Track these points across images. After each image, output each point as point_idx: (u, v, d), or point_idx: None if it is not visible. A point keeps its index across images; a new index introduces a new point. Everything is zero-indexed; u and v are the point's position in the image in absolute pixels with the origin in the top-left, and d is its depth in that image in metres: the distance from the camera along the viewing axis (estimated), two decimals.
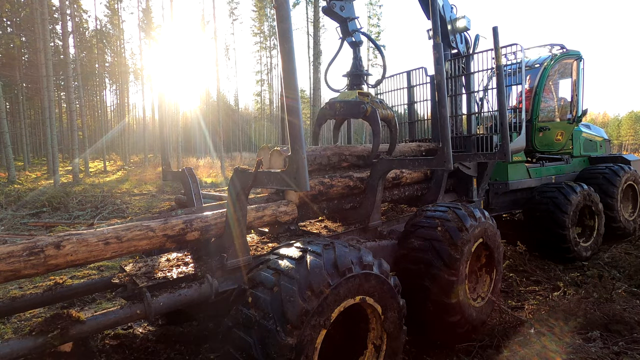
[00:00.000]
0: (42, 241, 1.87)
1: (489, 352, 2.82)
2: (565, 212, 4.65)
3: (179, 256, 2.59)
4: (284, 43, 1.87)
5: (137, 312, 1.96)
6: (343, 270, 1.99)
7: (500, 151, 3.33)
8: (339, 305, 2.03)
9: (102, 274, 4.39)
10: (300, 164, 1.90)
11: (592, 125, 7.25)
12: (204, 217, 2.46)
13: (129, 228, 2.16)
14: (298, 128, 1.90)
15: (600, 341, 2.80)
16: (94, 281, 2.46)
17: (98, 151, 29.48)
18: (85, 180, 17.38)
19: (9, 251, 1.77)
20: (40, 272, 1.85)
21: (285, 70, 1.88)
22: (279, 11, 1.88)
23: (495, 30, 3.32)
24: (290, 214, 2.85)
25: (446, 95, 2.76)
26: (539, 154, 5.89)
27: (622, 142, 75.38)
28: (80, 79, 24.50)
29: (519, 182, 5.06)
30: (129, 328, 3.00)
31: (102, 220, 8.54)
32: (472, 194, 4.34)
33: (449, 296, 2.72)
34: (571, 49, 6.08)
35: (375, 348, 2.37)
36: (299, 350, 1.82)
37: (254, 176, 2.15)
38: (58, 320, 1.72)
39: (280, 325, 1.78)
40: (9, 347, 1.62)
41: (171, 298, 2.08)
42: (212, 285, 2.21)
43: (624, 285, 3.95)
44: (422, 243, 2.85)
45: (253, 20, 40.19)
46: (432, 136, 4.74)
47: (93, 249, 1.99)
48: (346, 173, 3.25)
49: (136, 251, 2.18)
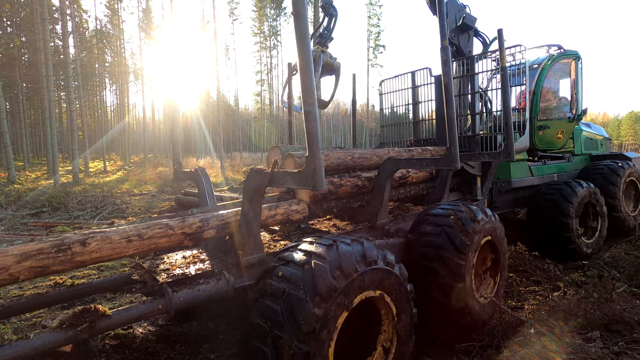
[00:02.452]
0: (68, 239, 1.94)
1: (489, 352, 2.83)
2: (571, 202, 4.74)
3: (194, 254, 2.66)
4: (302, 51, 1.95)
5: (159, 307, 2.04)
6: (369, 261, 2.15)
7: (505, 151, 3.41)
8: (362, 292, 2.14)
9: (102, 274, 4.36)
10: (317, 165, 1.97)
11: (592, 124, 7.35)
12: (219, 215, 2.53)
13: (149, 226, 2.23)
14: (315, 131, 1.98)
15: (600, 341, 2.80)
16: (114, 278, 2.53)
17: (98, 151, 29.49)
18: (85, 180, 17.38)
19: (38, 248, 1.84)
20: (67, 269, 1.93)
21: (303, 78, 1.95)
22: (297, 19, 1.96)
23: (500, 32, 3.40)
24: (301, 212, 2.93)
25: (453, 97, 2.84)
26: (540, 152, 5.98)
27: (622, 142, 75.67)
28: (80, 79, 24.52)
29: (521, 180, 5.14)
30: (129, 328, 2.99)
31: (102, 220, 8.53)
32: (477, 193, 4.42)
33: (456, 280, 2.79)
34: (569, 49, 6.15)
35: (384, 350, 2.40)
36: (324, 322, 1.93)
37: (270, 176, 2.23)
38: (86, 314, 1.79)
39: (309, 295, 1.90)
40: (41, 340, 1.69)
41: (190, 294, 2.15)
42: (229, 282, 2.28)
43: (624, 285, 3.97)
44: (435, 228, 2.96)
45: (253, 20, 40.24)
46: (437, 136, 4.81)
47: (116, 246, 2.06)
48: (355, 173, 3.33)
49: (156, 248, 2.25)
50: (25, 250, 1.80)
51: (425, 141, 5.12)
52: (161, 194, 13.09)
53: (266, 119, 43.36)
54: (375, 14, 37.30)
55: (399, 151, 3.82)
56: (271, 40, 39.60)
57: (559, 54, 6.08)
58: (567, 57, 6.09)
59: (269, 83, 41.10)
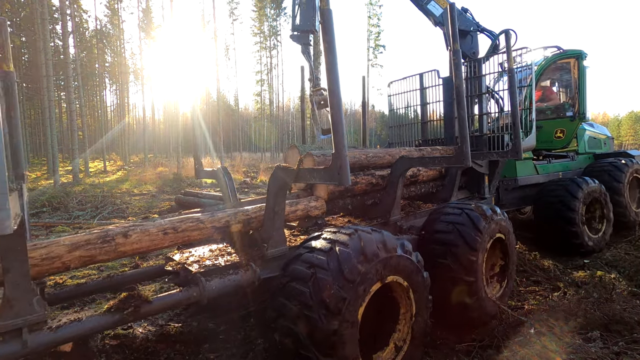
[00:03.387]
0: (112, 231, 2.08)
1: (489, 352, 2.80)
2: (576, 197, 4.88)
3: (219, 247, 2.80)
4: (329, 55, 2.09)
5: (194, 295, 2.17)
6: (390, 248, 2.29)
7: (513, 149, 3.56)
8: (383, 278, 2.27)
9: (101, 274, 4.41)
10: (343, 162, 2.12)
11: (596, 124, 7.46)
12: (245, 210, 2.68)
13: (182, 220, 2.37)
14: (341, 131, 2.12)
15: (600, 341, 2.79)
16: (146, 269, 2.67)
17: (98, 151, 29.47)
18: (85, 180, 17.35)
19: (86, 239, 1.98)
20: (111, 258, 2.06)
21: (330, 80, 2.10)
22: (325, 25, 2.10)
23: (507, 34, 3.55)
24: (320, 208, 3.08)
25: (465, 98, 2.98)
26: (545, 151, 6.10)
27: (622, 142, 76.04)
28: (80, 79, 24.50)
29: (527, 178, 5.26)
30: (128, 328, 2.99)
31: (102, 220, 8.52)
32: (484, 191, 4.56)
33: (469, 274, 2.93)
34: (569, 48, 6.23)
35: (395, 348, 2.46)
36: (349, 303, 2.06)
37: (296, 173, 2.37)
38: (131, 299, 1.93)
39: (336, 278, 2.05)
40: (92, 322, 1.83)
41: (222, 283, 2.29)
42: (255, 272, 2.42)
43: (624, 285, 3.98)
44: (447, 225, 3.11)
45: (253, 20, 40.32)
46: (445, 136, 4.94)
47: (154, 238, 2.20)
48: (369, 171, 3.48)
49: (188, 241, 2.40)
50: (75, 241, 1.94)
51: (433, 141, 5.26)
52: (161, 194, 13.01)
53: (266, 119, 43.46)
54: (375, 14, 37.52)
55: (410, 150, 3.96)
56: (271, 40, 39.71)
57: (555, 55, 6.17)
58: (567, 57, 6.17)
59: (269, 83, 41.19)
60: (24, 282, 1.60)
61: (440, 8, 4.66)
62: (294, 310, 2.09)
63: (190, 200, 4.85)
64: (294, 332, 2.07)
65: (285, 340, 2.13)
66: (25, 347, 1.61)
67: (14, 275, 1.57)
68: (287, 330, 2.12)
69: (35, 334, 1.66)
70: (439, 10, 4.65)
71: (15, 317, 1.61)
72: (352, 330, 2.08)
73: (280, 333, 2.17)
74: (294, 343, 2.08)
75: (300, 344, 2.05)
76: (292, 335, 2.09)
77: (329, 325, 1.99)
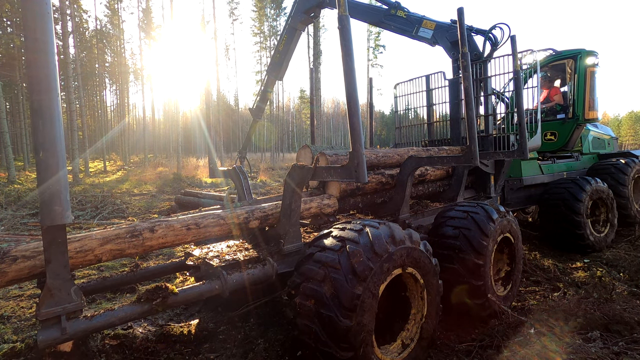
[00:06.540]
0: (139, 226, 2.17)
1: (489, 352, 2.79)
2: (582, 193, 4.99)
3: (237, 243, 2.89)
4: (347, 59, 2.19)
5: (216, 287, 2.26)
6: (398, 241, 2.38)
7: (519, 149, 3.66)
8: (410, 267, 2.38)
9: (101, 273, 4.44)
10: (360, 160, 2.22)
11: (600, 124, 7.52)
12: (262, 208, 2.77)
13: (204, 216, 2.47)
14: (358, 131, 2.22)
15: (600, 341, 2.78)
16: (169, 264, 2.76)
17: (98, 151, 29.49)
18: (85, 180, 17.33)
19: (115, 233, 2.07)
20: (139, 252, 2.15)
21: (347, 83, 2.19)
22: (342, 32, 2.20)
23: (513, 38, 3.65)
24: (332, 206, 3.17)
25: (473, 99, 3.08)
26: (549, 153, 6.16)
27: (622, 142, 76.24)
28: (80, 79, 24.53)
29: (532, 178, 5.35)
30: (128, 328, 3.00)
31: (102, 220, 8.53)
32: (490, 190, 4.65)
33: (477, 279, 3.01)
34: (564, 49, 6.23)
35: (402, 345, 2.51)
36: (363, 299, 2.13)
37: (313, 171, 2.47)
38: (159, 291, 2.02)
39: (348, 277, 2.14)
40: (124, 312, 1.92)
41: (241, 277, 2.38)
42: (273, 267, 2.52)
43: (624, 285, 3.99)
44: (454, 230, 3.15)
45: (253, 20, 40.37)
46: (451, 136, 5.03)
47: (178, 233, 2.30)
48: (379, 170, 3.58)
49: (210, 236, 2.49)
50: (106, 235, 2.03)
51: (439, 141, 5.35)
52: (161, 194, 13.04)
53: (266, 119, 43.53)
54: None
55: (418, 150, 4.06)
56: (271, 40, 39.71)
57: (548, 57, 6.17)
58: (562, 58, 6.19)
59: None
60: (63, 273, 1.69)
61: (430, 30, 4.76)
62: (321, 273, 2.19)
63: (190, 200, 4.94)
64: (319, 292, 2.15)
65: (306, 302, 2.20)
66: (64, 333, 1.70)
67: (55, 266, 1.66)
68: (310, 292, 2.20)
69: (73, 322, 1.75)
70: (430, 33, 4.75)
71: (56, 305, 1.70)
72: (372, 302, 2.17)
73: (303, 295, 2.25)
74: (316, 303, 2.15)
75: (322, 304, 2.13)
76: (315, 296, 2.17)
77: (354, 289, 2.08)
